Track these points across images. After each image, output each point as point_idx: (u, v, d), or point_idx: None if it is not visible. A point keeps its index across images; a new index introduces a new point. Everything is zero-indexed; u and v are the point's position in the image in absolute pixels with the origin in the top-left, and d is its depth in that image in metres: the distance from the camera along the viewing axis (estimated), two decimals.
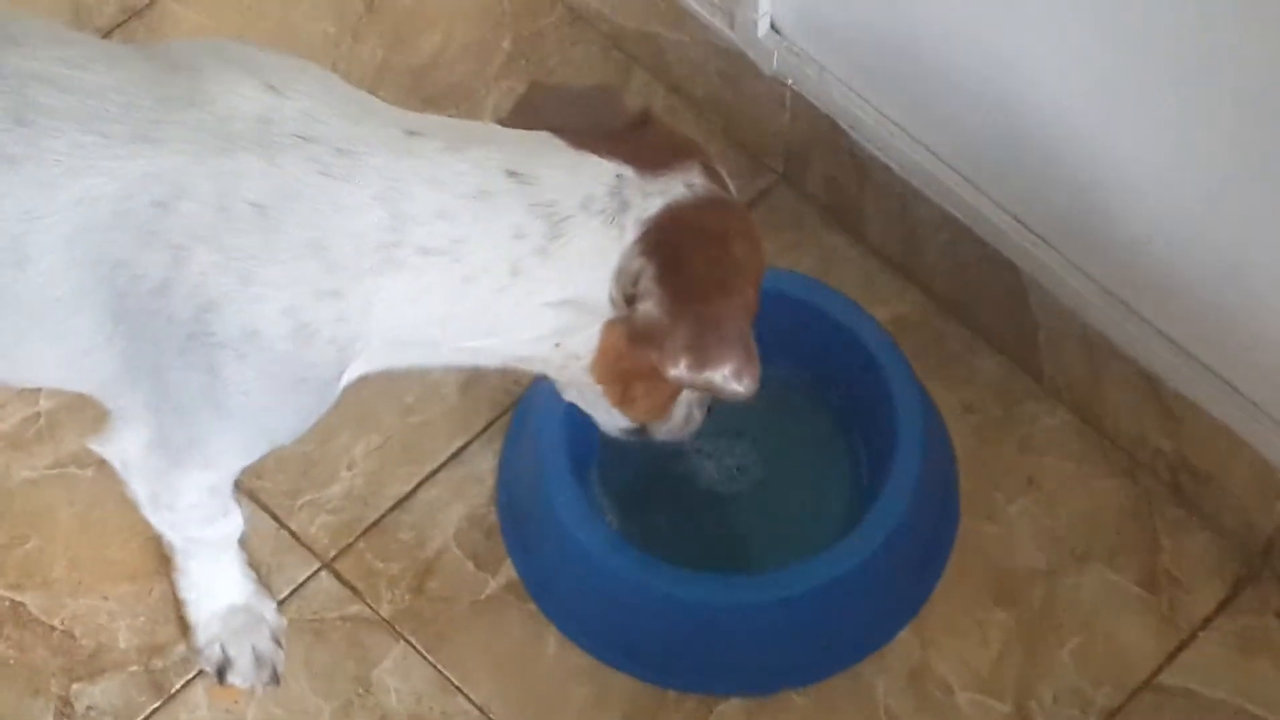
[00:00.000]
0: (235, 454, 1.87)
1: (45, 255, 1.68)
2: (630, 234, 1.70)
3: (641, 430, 1.91)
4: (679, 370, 1.71)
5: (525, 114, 1.81)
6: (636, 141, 1.78)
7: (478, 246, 1.69)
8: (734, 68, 2.30)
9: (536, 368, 1.84)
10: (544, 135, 1.75)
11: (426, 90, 2.37)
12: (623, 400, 1.84)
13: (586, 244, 1.70)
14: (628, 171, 1.71)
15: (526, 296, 1.71)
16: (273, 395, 1.76)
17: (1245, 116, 1.85)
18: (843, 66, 2.20)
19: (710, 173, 1.79)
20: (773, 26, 2.21)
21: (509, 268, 1.69)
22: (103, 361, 1.76)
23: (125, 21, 2.46)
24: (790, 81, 2.24)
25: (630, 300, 1.70)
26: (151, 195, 1.65)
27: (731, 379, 1.72)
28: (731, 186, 1.82)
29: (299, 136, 1.67)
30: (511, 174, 1.69)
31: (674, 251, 1.70)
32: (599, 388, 1.82)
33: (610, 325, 1.74)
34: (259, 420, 1.80)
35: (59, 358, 1.79)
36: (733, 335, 1.73)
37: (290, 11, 2.47)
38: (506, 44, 2.43)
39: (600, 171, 1.71)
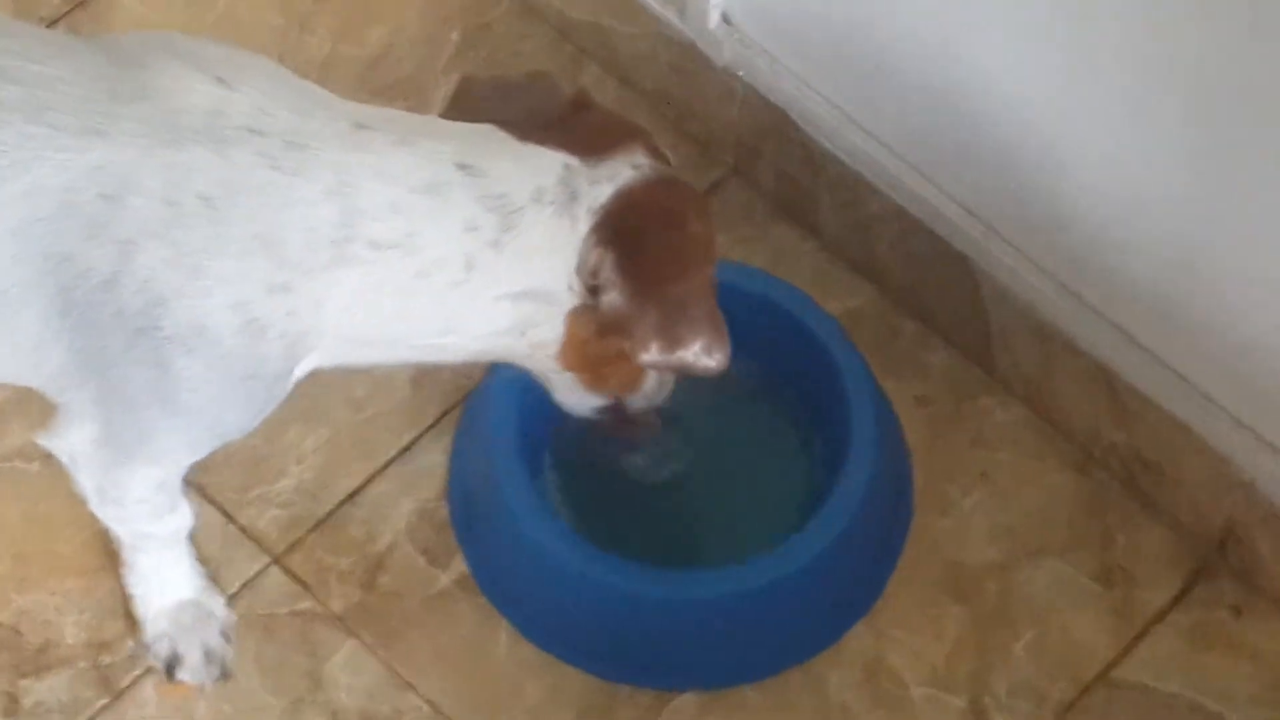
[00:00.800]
0: (184, 449, 1.86)
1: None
2: (584, 224, 1.70)
3: (614, 406, 1.91)
4: (651, 355, 1.72)
5: (462, 107, 1.82)
6: (578, 128, 1.78)
7: (431, 240, 1.70)
8: (685, 59, 2.30)
9: (503, 359, 1.85)
10: (489, 128, 1.76)
11: (375, 83, 2.38)
12: (594, 383, 1.85)
13: (540, 236, 1.70)
14: (573, 161, 1.72)
15: (483, 290, 1.72)
16: (222, 390, 1.75)
17: (1195, 112, 1.85)
18: (794, 58, 2.20)
19: (653, 151, 1.79)
20: (724, 18, 2.22)
21: (463, 261, 1.70)
22: (49, 356, 1.75)
23: (69, 12, 2.46)
24: (741, 73, 2.25)
25: (593, 291, 1.71)
26: (99, 188, 1.65)
27: (704, 355, 1.73)
28: (673, 160, 1.82)
29: (249, 130, 1.67)
30: (462, 167, 1.70)
31: (630, 237, 1.71)
32: (568, 375, 1.83)
33: (574, 314, 1.74)
34: (208, 415, 1.79)
35: (3, 352, 1.79)
36: (699, 313, 1.74)
37: (237, 3, 2.47)
38: (455, 36, 2.43)
39: (548, 162, 1.72)
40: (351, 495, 2.15)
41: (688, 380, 1.98)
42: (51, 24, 2.44)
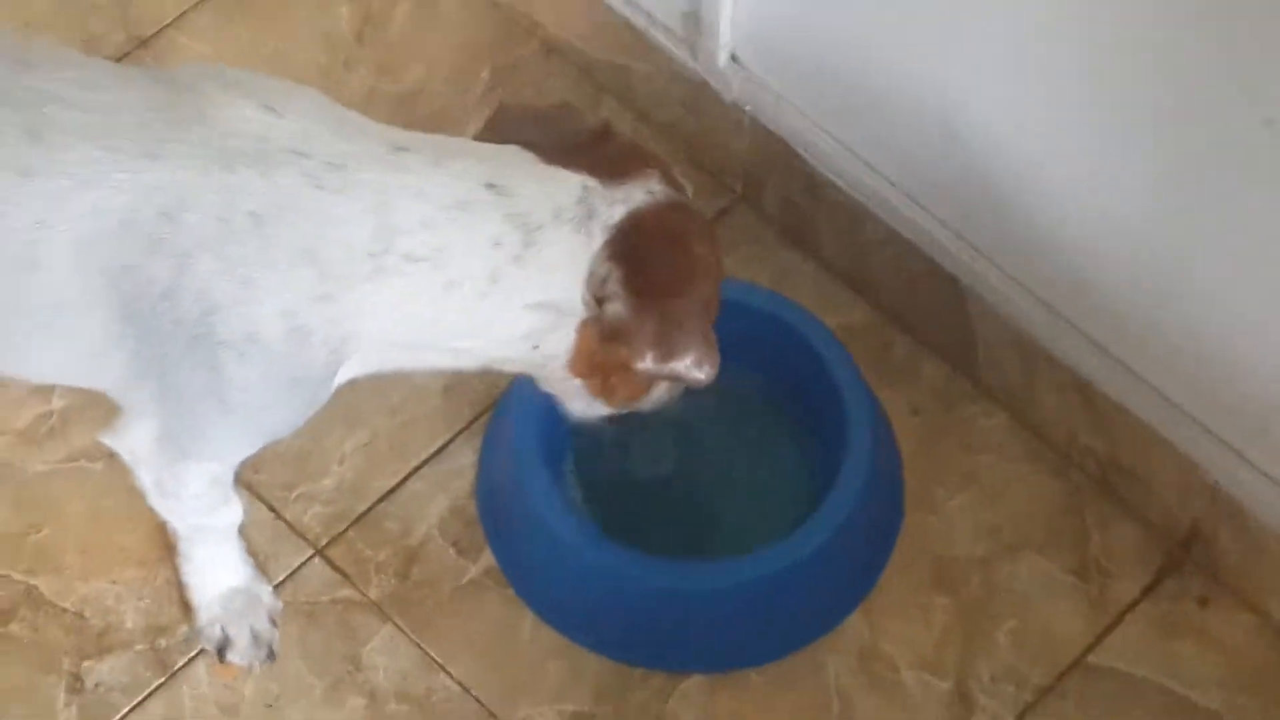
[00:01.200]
0: (236, 447, 1.90)
1: (55, 262, 1.71)
2: (597, 240, 1.75)
3: (623, 417, 1.94)
4: (646, 363, 1.76)
5: (496, 131, 1.84)
6: (599, 154, 1.81)
7: (459, 254, 1.74)
8: (696, 95, 2.31)
9: (517, 368, 1.89)
10: (516, 150, 1.79)
11: (412, 116, 2.36)
12: (602, 391, 1.87)
13: (558, 251, 1.75)
14: (592, 182, 1.76)
15: (505, 300, 1.75)
16: (270, 392, 1.79)
17: (1159, 147, 1.89)
18: (798, 94, 2.21)
19: (669, 179, 1.82)
20: (732, 57, 2.23)
21: (489, 274, 1.74)
22: (112, 360, 1.79)
23: (132, 50, 2.44)
24: (748, 108, 2.26)
25: (600, 301, 1.75)
26: (158, 207, 1.69)
27: (694, 368, 1.77)
28: (689, 190, 1.85)
29: (294, 153, 1.71)
30: (490, 186, 1.74)
31: (637, 254, 1.75)
32: (577, 382, 1.86)
33: (584, 325, 1.78)
34: (257, 416, 1.83)
35: (68, 357, 1.82)
36: (693, 329, 1.78)
37: (286, 43, 2.46)
38: (485, 74, 2.43)
39: (568, 183, 1.76)
40: (388, 493, 2.18)
41: (695, 391, 2.00)
42: (116, 60, 2.40)
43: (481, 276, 1.74)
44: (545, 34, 2.46)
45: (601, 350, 1.79)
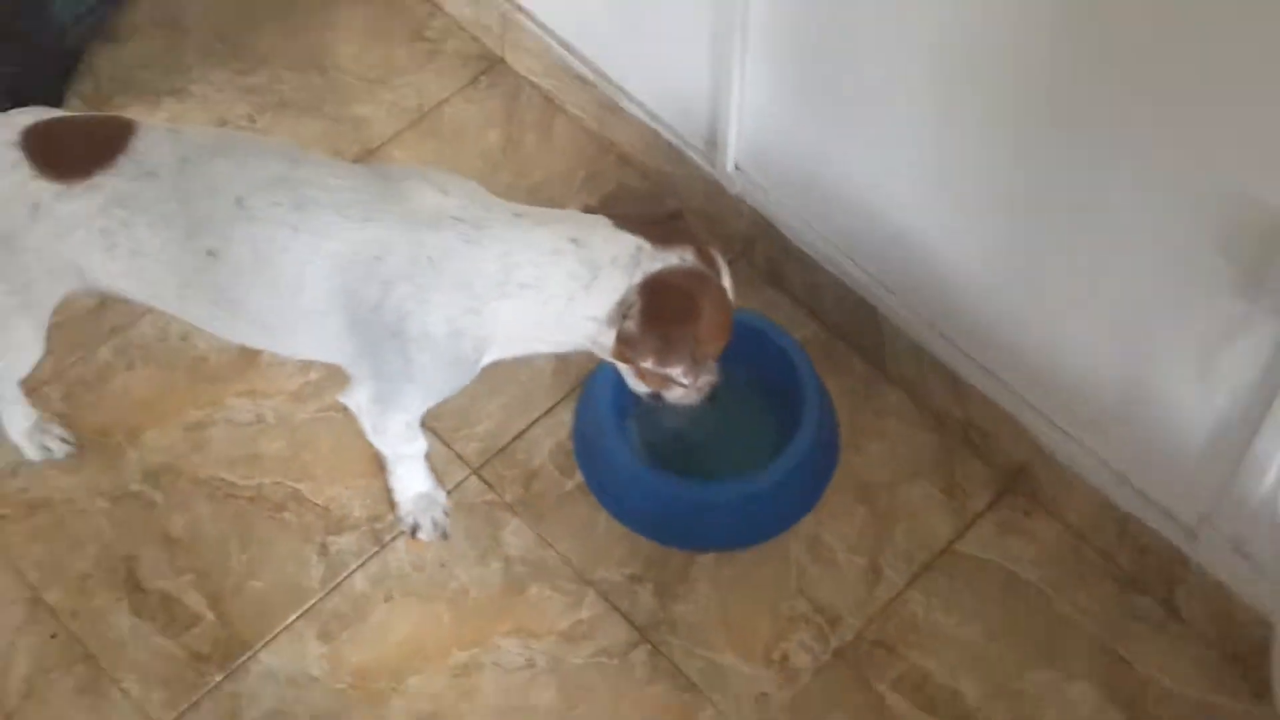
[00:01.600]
0: (419, 404, 1.95)
1: (312, 284, 1.80)
2: (636, 280, 1.79)
3: (656, 395, 1.93)
4: (648, 364, 1.82)
5: (605, 204, 1.94)
6: (662, 229, 1.82)
7: (551, 283, 1.80)
8: (712, 190, 2.33)
9: (590, 352, 1.90)
10: (598, 217, 1.83)
11: (534, 201, 2.29)
12: (636, 376, 1.90)
13: (611, 285, 1.80)
14: (645, 245, 1.80)
15: (578, 312, 1.81)
16: (438, 370, 1.86)
17: (1016, 226, 1.93)
18: (777, 190, 2.24)
19: (704, 255, 1.83)
20: (736, 166, 2.26)
21: (568, 296, 1.80)
22: (344, 347, 1.87)
23: (363, 156, 2.47)
24: (746, 199, 2.29)
25: (624, 318, 1.79)
26: (372, 252, 1.78)
27: (681, 376, 1.83)
28: (722, 267, 1.86)
29: (455, 219, 1.79)
30: (573, 240, 1.80)
31: (654, 294, 1.78)
32: (624, 366, 1.89)
33: (619, 332, 1.81)
34: (431, 384, 1.90)
35: (318, 344, 1.91)
36: (681, 349, 1.80)
37: (458, 154, 2.46)
38: (581, 175, 2.46)
39: (626, 243, 1.80)
40: (517, 436, 2.23)
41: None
42: (353, 161, 2.40)
43: (564, 297, 1.80)
44: (619, 150, 2.45)
45: (628, 353, 1.82)
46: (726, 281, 1.87)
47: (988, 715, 2.02)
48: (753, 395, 2.23)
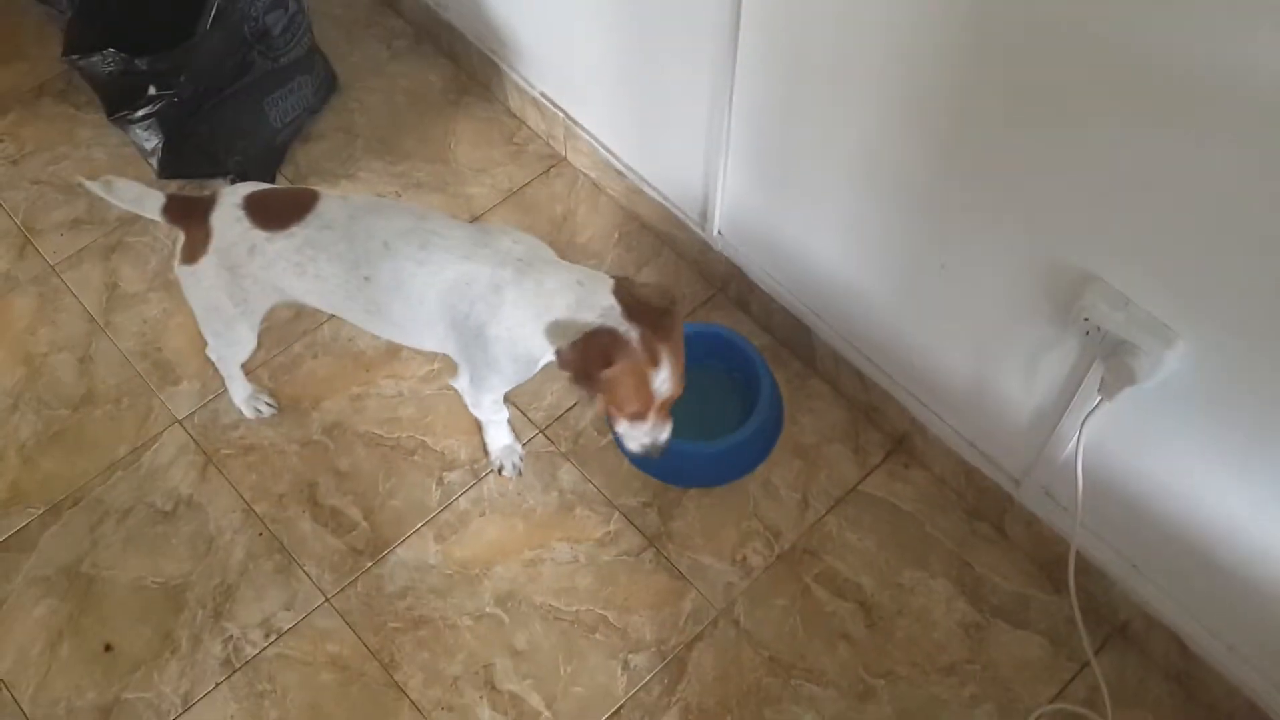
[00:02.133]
0: (500, 386, 1.86)
1: (428, 300, 1.73)
2: (590, 325, 1.64)
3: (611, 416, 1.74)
4: (566, 373, 1.67)
5: (624, 281, 1.69)
6: (646, 309, 1.64)
7: (555, 304, 1.68)
8: (702, 246, 2.27)
9: None
10: (605, 276, 1.70)
11: (583, 255, 2.33)
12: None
13: (583, 322, 1.65)
14: (618, 309, 1.65)
15: (578, 322, 1.66)
16: (508, 362, 1.77)
17: (895, 269, 1.88)
18: (747, 248, 2.18)
19: (651, 340, 1.63)
20: (719, 231, 2.21)
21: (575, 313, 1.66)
22: (448, 344, 1.81)
23: (476, 219, 2.41)
24: (725, 253, 2.23)
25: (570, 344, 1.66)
26: (465, 280, 1.71)
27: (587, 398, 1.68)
28: (663, 360, 1.63)
29: (520, 260, 1.71)
30: (580, 283, 1.69)
31: (590, 338, 1.65)
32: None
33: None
34: (505, 373, 1.80)
35: (435, 340, 1.82)
36: (590, 387, 1.66)
37: (535, 219, 2.40)
38: (616, 236, 2.38)
39: (610, 301, 1.67)
40: (570, 408, 2.18)
41: (695, 369, 1.92)
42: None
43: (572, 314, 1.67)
44: (641, 220, 2.39)
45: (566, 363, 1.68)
46: (664, 373, 1.65)
47: (879, 600, 2.00)
48: (727, 383, 2.19)
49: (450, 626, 1.96)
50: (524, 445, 2.15)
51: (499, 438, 2.09)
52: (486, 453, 2.13)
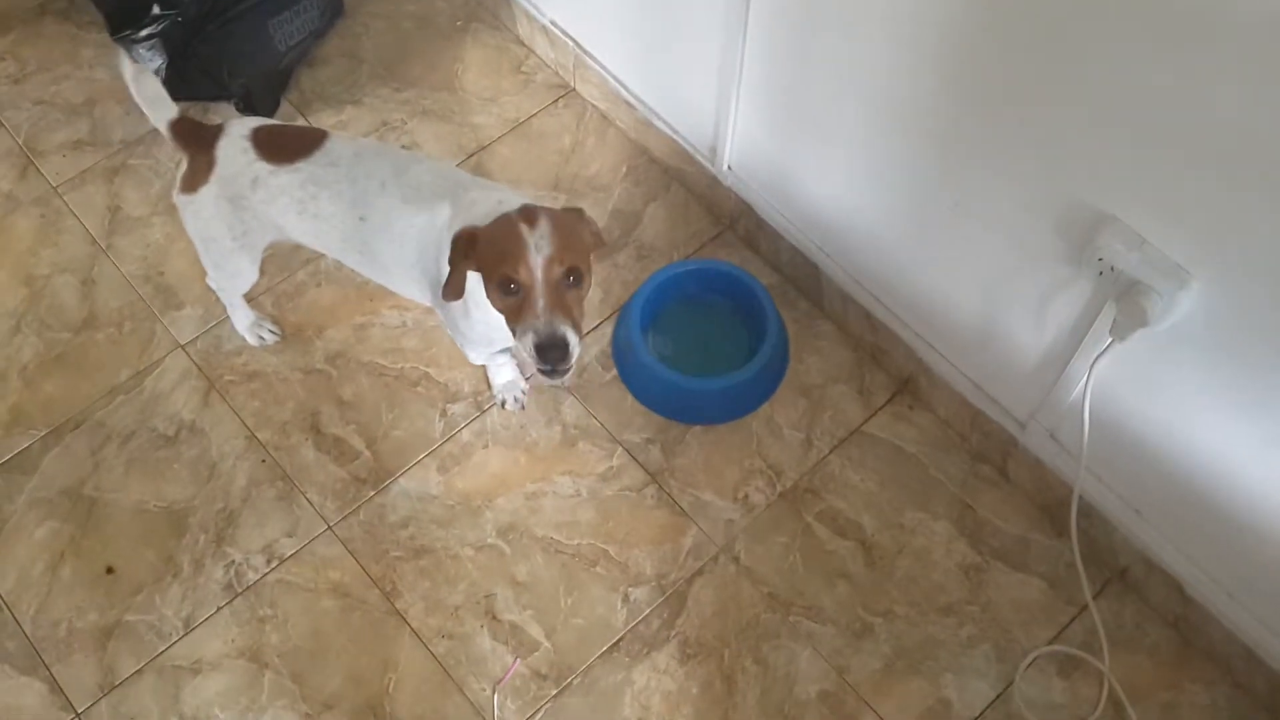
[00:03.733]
0: (471, 347, 1.83)
1: (410, 242, 1.69)
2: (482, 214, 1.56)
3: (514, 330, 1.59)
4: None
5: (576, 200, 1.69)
6: (548, 210, 1.54)
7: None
8: (711, 182, 2.26)
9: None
10: (524, 196, 1.63)
11: (592, 186, 2.31)
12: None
13: (480, 213, 1.57)
14: (512, 201, 1.58)
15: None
16: (463, 320, 1.72)
17: (905, 210, 1.88)
18: (756, 184, 2.17)
19: (521, 221, 1.51)
20: (729, 167, 2.20)
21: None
22: (425, 295, 1.76)
23: (478, 152, 2.37)
24: (735, 189, 2.22)
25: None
26: (438, 229, 1.66)
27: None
28: (527, 238, 1.46)
29: (499, 202, 1.60)
30: (499, 202, 1.59)
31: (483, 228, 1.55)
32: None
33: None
34: (469, 336, 1.77)
35: (418, 291, 1.77)
36: (459, 248, 1.55)
37: (542, 151, 2.36)
38: (624, 169, 2.35)
39: (510, 201, 1.59)
40: None
41: (701, 306, 2.07)
42: (462, 161, 2.38)
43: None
44: (650, 154, 2.37)
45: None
46: (541, 229, 1.48)
47: (879, 540, 2.01)
48: (733, 320, 2.18)
49: (452, 557, 1.97)
50: (527, 380, 2.14)
51: (501, 373, 2.09)
52: (490, 386, 2.13)
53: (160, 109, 1.74)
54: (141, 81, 1.72)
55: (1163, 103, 1.33)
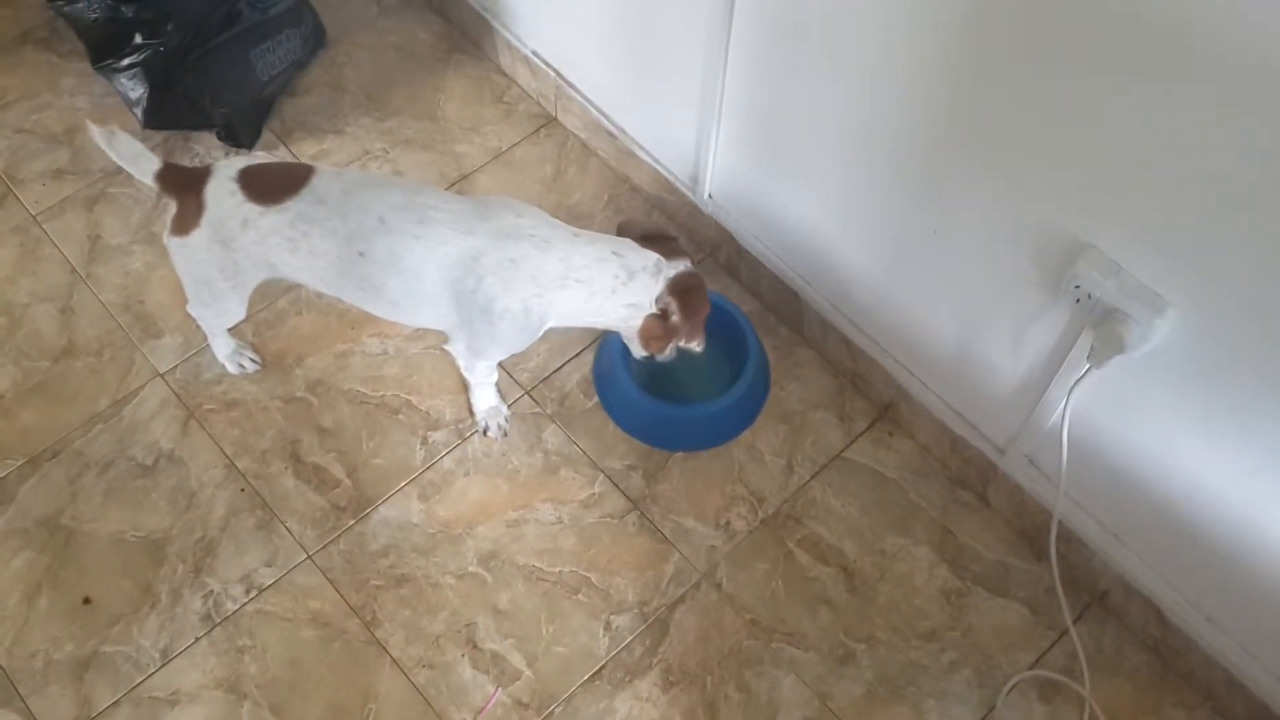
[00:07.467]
0: (499, 355, 1.90)
1: (429, 275, 1.74)
2: (660, 284, 1.79)
3: (651, 357, 1.91)
4: (687, 342, 1.86)
5: (622, 230, 1.83)
6: (665, 247, 1.81)
7: (598, 280, 1.76)
8: (693, 210, 2.28)
9: (618, 329, 1.86)
10: (626, 240, 1.80)
11: (572, 215, 2.34)
12: (645, 346, 1.87)
13: (642, 284, 1.78)
14: (661, 260, 1.79)
15: (617, 301, 1.79)
16: (514, 334, 1.81)
17: (885, 239, 1.89)
18: (737, 213, 2.19)
19: (691, 260, 1.83)
20: (709, 195, 2.21)
21: (610, 289, 1.77)
22: (449, 318, 1.82)
23: (460, 180, 2.40)
24: (715, 218, 2.23)
25: (664, 311, 1.80)
26: (470, 254, 1.73)
27: (698, 346, 1.89)
28: (694, 261, 1.83)
29: (530, 234, 1.74)
30: (615, 253, 1.77)
31: (682, 294, 1.80)
32: (637, 340, 1.87)
33: (648, 317, 1.81)
34: (509, 343, 1.85)
35: (433, 315, 1.83)
36: (701, 330, 1.87)
37: (522, 182, 2.39)
38: (605, 198, 2.38)
39: (650, 257, 1.78)
40: (555, 370, 2.18)
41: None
42: (450, 186, 2.41)
43: (607, 290, 1.77)
44: (632, 183, 2.39)
45: (656, 330, 1.81)
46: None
47: (860, 566, 2.01)
48: (714, 347, 2.14)
49: (433, 585, 1.96)
50: (509, 406, 2.15)
51: (485, 399, 2.08)
52: (472, 413, 2.12)
53: (143, 164, 1.76)
54: (116, 144, 1.74)
55: (1138, 132, 1.34)
